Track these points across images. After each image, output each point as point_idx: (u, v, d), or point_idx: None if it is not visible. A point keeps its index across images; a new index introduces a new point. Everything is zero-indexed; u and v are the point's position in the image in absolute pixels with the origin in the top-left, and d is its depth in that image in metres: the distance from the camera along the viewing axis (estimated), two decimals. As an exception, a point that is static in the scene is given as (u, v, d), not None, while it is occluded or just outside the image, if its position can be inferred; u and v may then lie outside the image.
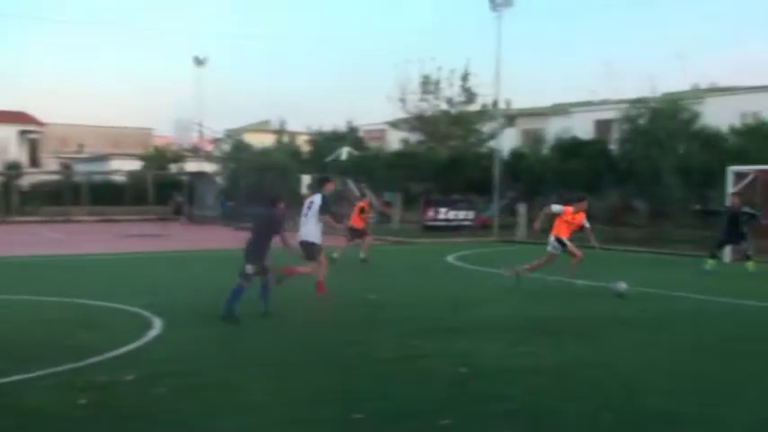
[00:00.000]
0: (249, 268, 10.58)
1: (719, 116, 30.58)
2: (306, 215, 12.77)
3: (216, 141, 63.14)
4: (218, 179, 47.33)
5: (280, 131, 52.26)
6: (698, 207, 17.85)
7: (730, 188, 21.59)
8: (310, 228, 12.64)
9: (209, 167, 51.34)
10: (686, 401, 6.81)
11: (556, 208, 14.42)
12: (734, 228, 17.75)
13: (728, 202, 17.89)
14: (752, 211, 18.05)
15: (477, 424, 6.18)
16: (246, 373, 7.70)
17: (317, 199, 12.82)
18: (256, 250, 10.72)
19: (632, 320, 11.23)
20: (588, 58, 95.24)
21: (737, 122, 29.66)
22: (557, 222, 14.42)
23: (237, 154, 45.75)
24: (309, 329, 10.21)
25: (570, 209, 14.36)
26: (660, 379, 7.64)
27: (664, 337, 9.92)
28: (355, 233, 19.21)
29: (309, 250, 12.60)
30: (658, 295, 13.83)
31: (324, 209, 12.63)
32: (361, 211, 19.50)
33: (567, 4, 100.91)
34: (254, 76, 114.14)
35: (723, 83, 42.93)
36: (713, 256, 17.85)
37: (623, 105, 30.11)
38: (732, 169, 21.93)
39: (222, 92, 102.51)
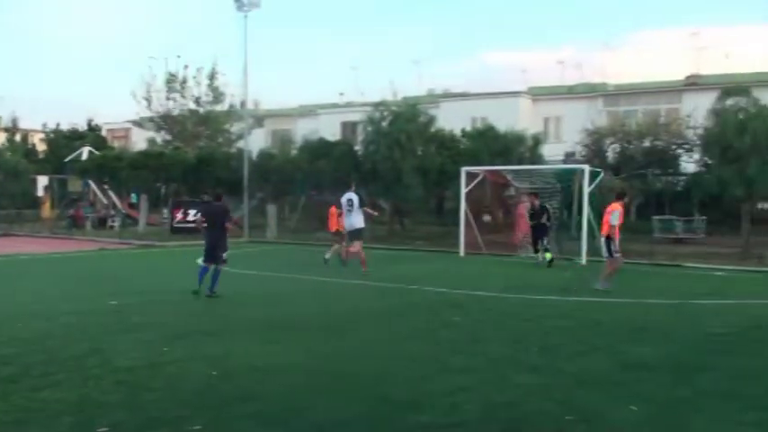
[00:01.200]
0: (224, 255, 13.65)
1: (453, 120, 32.96)
2: (349, 210, 17.41)
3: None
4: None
5: (11, 129, 48.34)
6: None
7: (463, 187, 23.34)
8: (355, 218, 17.33)
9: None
10: (427, 388, 7.26)
11: (614, 217, 14.14)
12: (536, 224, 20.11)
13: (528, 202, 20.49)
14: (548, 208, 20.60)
15: (228, 426, 6.17)
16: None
17: (354, 197, 17.30)
18: (222, 238, 13.66)
19: (375, 314, 11.83)
20: (335, 62, 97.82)
21: (469, 126, 32.09)
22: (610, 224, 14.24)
23: (-39, 153, 41.58)
24: (45, 339, 9.52)
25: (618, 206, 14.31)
26: (406, 368, 8.08)
27: (403, 328, 10.52)
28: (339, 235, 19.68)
29: (355, 235, 17.54)
30: (397, 289, 14.61)
31: (362, 203, 17.53)
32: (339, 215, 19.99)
33: (314, 7, 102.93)
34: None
35: (456, 89, 46.00)
36: (546, 250, 19.93)
37: (367, 108, 31.33)
38: (465, 170, 23.70)
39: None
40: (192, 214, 29.85)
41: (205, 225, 13.93)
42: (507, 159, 26.70)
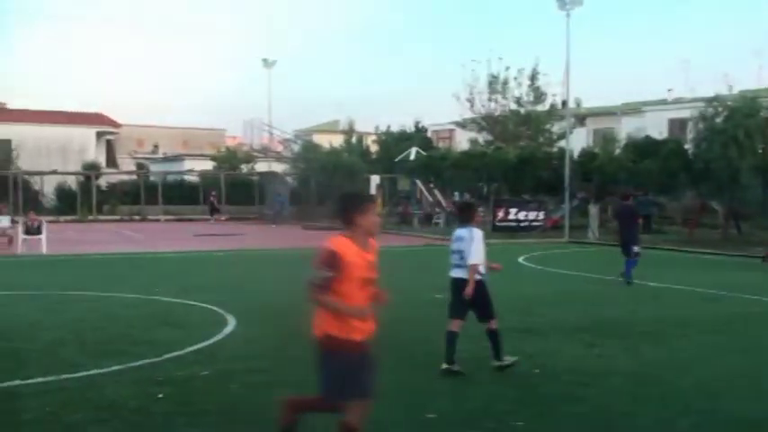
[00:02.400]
0: (636, 248, 14.68)
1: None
2: None
3: (286, 142, 63.89)
4: (289, 179, 47.82)
5: (348, 132, 52.56)
6: None
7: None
8: None
9: (279, 168, 51.91)
10: (769, 408, 6.60)
11: None
12: None
13: None
14: None
15: (550, 425, 6.12)
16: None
17: None
18: (634, 234, 14.88)
19: (705, 323, 10.98)
20: (660, 57, 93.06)
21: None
22: None
23: (307, 154, 46.15)
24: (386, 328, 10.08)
25: None
26: (741, 383, 7.43)
27: (739, 341, 9.65)
28: None
29: None
30: (732, 298, 13.42)
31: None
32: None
33: (638, 1, 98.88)
34: (323, 76, 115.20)
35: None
36: None
37: (698, 104, 29.34)
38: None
39: (293, 92, 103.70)
40: (514, 213, 30.07)
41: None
42: None
